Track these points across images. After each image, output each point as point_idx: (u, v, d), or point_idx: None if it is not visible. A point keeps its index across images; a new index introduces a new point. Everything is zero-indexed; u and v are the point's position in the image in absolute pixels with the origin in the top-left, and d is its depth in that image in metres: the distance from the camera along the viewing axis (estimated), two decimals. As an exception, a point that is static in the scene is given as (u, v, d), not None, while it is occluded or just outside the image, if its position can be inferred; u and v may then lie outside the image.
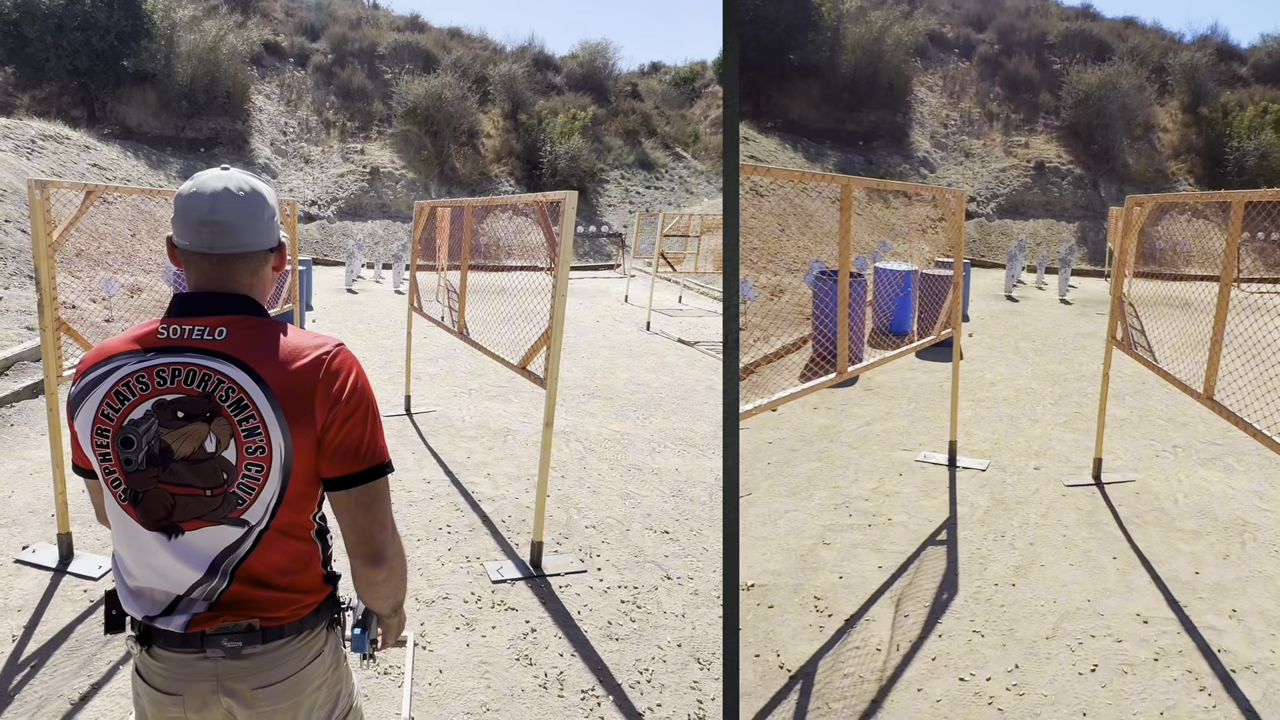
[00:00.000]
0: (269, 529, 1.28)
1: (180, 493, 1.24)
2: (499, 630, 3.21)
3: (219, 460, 1.23)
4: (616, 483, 5.09)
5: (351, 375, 1.29)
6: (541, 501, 3.72)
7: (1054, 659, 3.10)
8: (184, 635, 1.29)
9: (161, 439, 1.23)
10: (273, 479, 1.25)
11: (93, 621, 3.26)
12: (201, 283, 1.30)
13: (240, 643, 1.29)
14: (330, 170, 24.35)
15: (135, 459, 1.23)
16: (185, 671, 1.31)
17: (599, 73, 31.72)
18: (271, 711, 1.34)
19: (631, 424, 6.44)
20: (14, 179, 12.59)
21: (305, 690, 1.36)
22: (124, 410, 1.23)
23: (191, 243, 1.28)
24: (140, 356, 1.24)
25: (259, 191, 1.32)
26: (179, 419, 1.22)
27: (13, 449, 5.28)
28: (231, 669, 1.31)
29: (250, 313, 1.29)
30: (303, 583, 1.34)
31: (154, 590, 1.30)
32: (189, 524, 1.25)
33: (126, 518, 1.27)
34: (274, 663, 1.33)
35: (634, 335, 11.00)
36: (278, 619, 1.32)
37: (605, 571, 3.84)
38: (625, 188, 28.40)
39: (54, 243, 3.36)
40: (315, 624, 1.37)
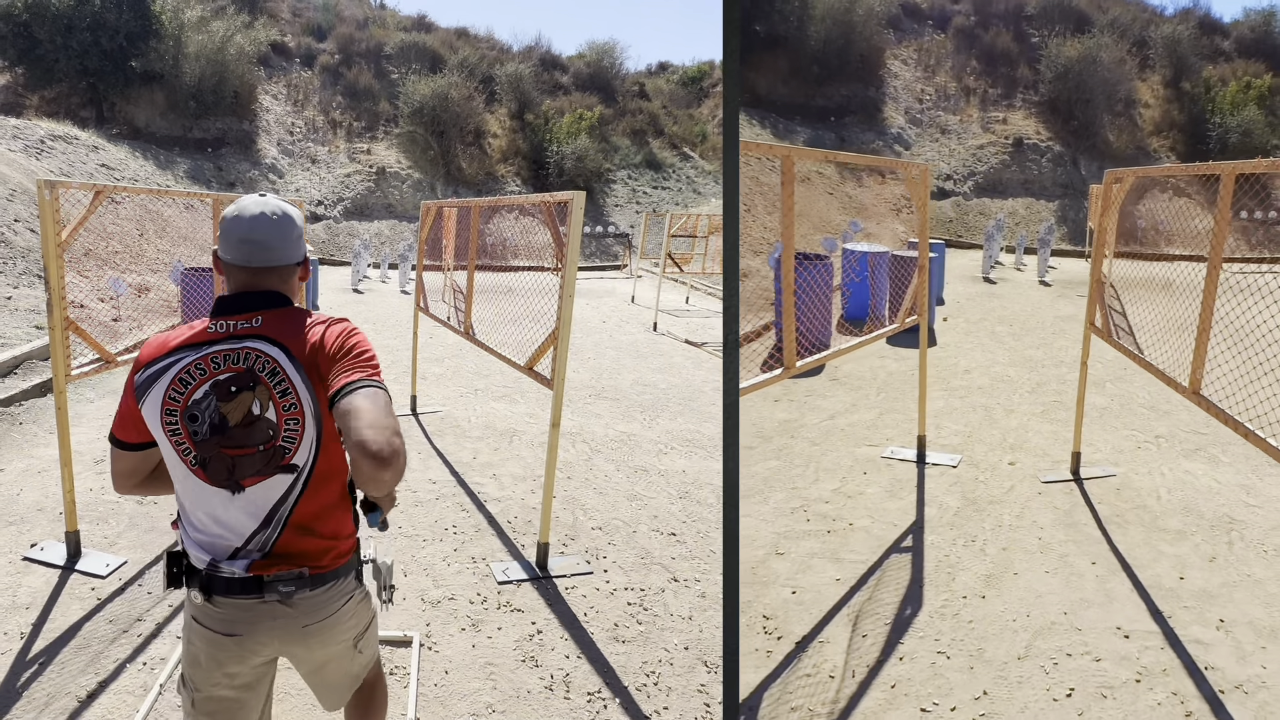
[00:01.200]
0: (313, 473, 1.58)
1: (238, 454, 1.53)
2: (505, 631, 3.21)
3: (264, 420, 1.53)
4: (623, 484, 5.09)
5: (345, 330, 1.58)
6: (548, 503, 3.72)
7: (1026, 683, 2.86)
8: (244, 580, 1.57)
9: (219, 411, 1.52)
10: (309, 427, 1.55)
11: (100, 619, 3.27)
12: (240, 288, 1.61)
13: (293, 588, 1.58)
14: (337, 170, 24.41)
15: (200, 430, 1.52)
16: (245, 615, 1.58)
17: (606, 72, 31.67)
18: (315, 644, 1.66)
19: (638, 425, 6.43)
20: (23, 179, 12.65)
21: (340, 625, 1.68)
22: (188, 393, 1.53)
23: (233, 257, 1.60)
24: (197, 349, 1.54)
25: (289, 215, 1.63)
26: (231, 392, 1.52)
27: (21, 447, 5.30)
28: (284, 611, 1.59)
29: (279, 305, 1.60)
30: (339, 531, 1.65)
31: (216, 541, 1.57)
32: (248, 480, 1.55)
33: (195, 480, 1.56)
34: (317, 605, 1.63)
35: (641, 336, 10.98)
36: (321, 567, 1.61)
37: (612, 573, 3.83)
38: (632, 188, 28.32)
39: (63, 242, 3.37)
40: (347, 573, 1.69)
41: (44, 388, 6.34)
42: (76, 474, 4.18)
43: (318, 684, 1.80)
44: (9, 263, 9.78)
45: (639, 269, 19.21)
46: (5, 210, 11.06)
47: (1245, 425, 3.04)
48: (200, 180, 20.83)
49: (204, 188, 20.44)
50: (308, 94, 25.96)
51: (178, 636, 3.15)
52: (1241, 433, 3.05)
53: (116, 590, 3.50)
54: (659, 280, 12.92)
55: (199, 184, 20.54)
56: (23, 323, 8.11)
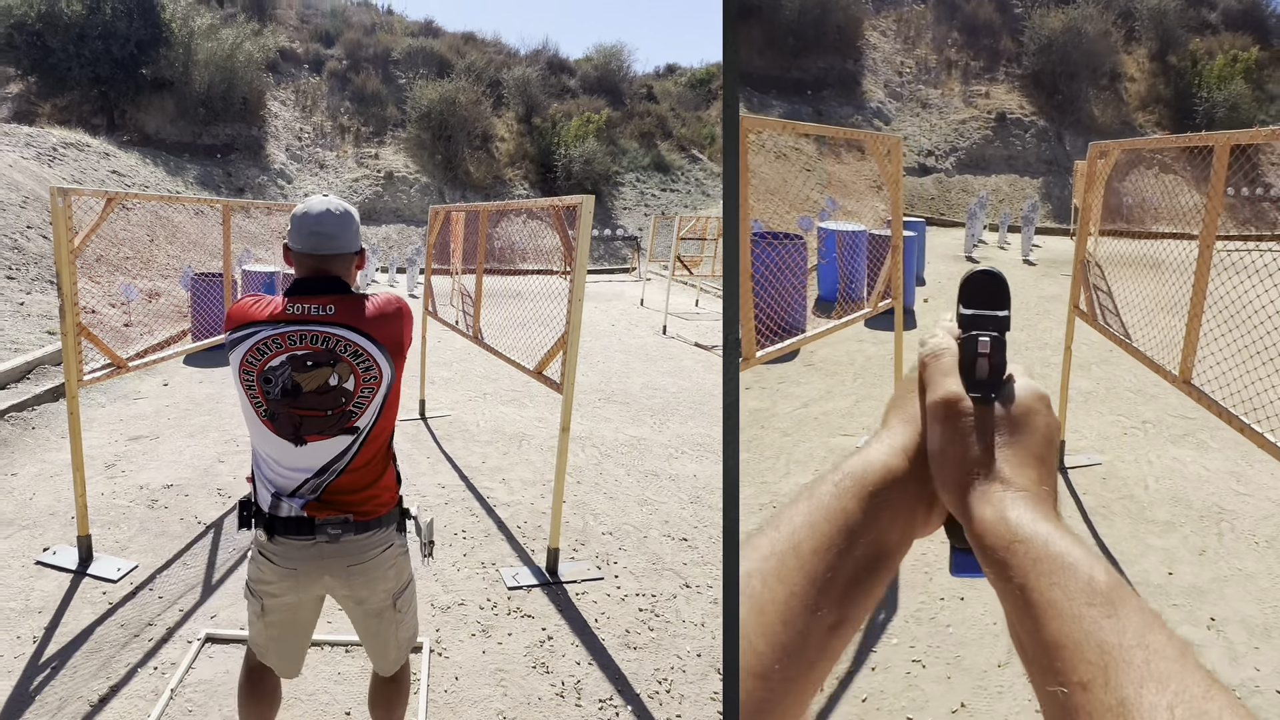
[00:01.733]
0: (369, 434, 1.87)
1: (305, 414, 1.81)
2: (515, 637, 3.19)
3: (340, 389, 1.82)
4: (633, 489, 5.07)
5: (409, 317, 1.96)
6: (558, 508, 3.71)
7: (1007, 693, 2.69)
8: (299, 521, 1.84)
9: (293, 379, 1.79)
10: (379, 395, 1.86)
11: (111, 624, 3.27)
12: (309, 274, 1.88)
13: (340, 530, 1.85)
14: (345, 175, 24.51)
15: (273, 392, 1.80)
16: (299, 553, 1.87)
17: (614, 75, 31.65)
18: (359, 583, 1.93)
19: (648, 429, 6.41)
20: (36, 186, 12.75)
21: (381, 569, 1.94)
22: (264, 360, 1.80)
23: (302, 246, 1.88)
24: (274, 325, 1.80)
25: (349, 211, 1.94)
26: (308, 366, 1.80)
27: (34, 452, 5.33)
28: (332, 551, 1.87)
29: (344, 292, 1.88)
30: (382, 486, 1.93)
31: (278, 479, 1.87)
32: (311, 437, 1.83)
33: (266, 429, 1.84)
34: (361, 548, 1.90)
35: (650, 339, 10.92)
36: (365, 514, 1.88)
37: (623, 579, 3.80)
38: (640, 190, 28.23)
39: (75, 249, 3.39)
40: (388, 524, 1.95)
41: (56, 392, 6.37)
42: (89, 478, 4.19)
43: (369, 636, 2.06)
44: (22, 269, 9.85)
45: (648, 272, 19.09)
46: (19, 217, 11.14)
47: (1240, 419, 2.93)
48: (210, 186, 20.95)
49: (213, 193, 20.56)
50: (316, 100, 26.10)
51: (188, 641, 3.15)
52: (1236, 426, 2.94)
53: (127, 594, 3.51)
54: (668, 283, 12.78)
55: (209, 189, 20.66)
56: (35, 328, 8.17)
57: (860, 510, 0.62)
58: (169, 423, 6.10)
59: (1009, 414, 0.64)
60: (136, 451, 5.41)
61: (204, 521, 4.30)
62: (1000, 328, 0.68)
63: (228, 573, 3.74)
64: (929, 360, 0.67)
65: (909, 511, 0.64)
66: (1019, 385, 0.65)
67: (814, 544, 0.61)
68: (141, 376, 7.19)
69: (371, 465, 1.90)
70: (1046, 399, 0.66)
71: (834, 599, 0.60)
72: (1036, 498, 0.59)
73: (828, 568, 0.60)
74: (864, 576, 0.62)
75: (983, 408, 0.64)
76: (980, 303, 0.68)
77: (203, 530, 4.20)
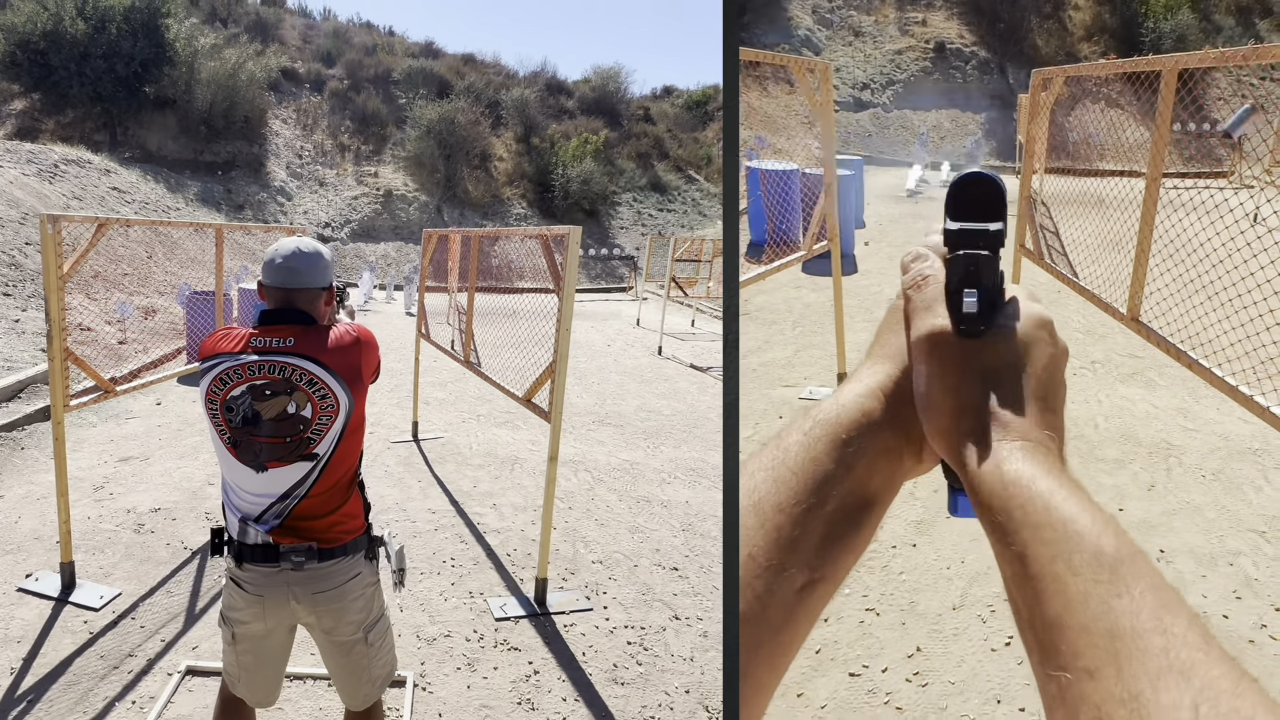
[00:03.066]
0: (330, 461, 1.90)
1: (265, 442, 1.87)
2: (501, 671, 3.14)
3: (298, 417, 1.87)
4: (625, 515, 5.02)
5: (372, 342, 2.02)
6: (546, 537, 3.67)
7: (962, 635, 2.69)
8: (265, 548, 1.89)
9: (253, 407, 1.86)
10: (338, 422, 1.90)
11: (91, 655, 3.22)
12: (275, 305, 1.96)
13: (303, 558, 1.89)
14: (344, 193, 24.62)
15: (235, 420, 1.87)
16: (266, 580, 1.92)
17: (611, 97, 31.95)
18: (324, 611, 1.95)
19: (641, 453, 6.37)
20: (36, 203, 12.78)
21: (348, 599, 1.96)
22: (226, 390, 1.87)
23: (270, 280, 1.97)
24: (235, 357, 1.88)
25: (319, 251, 2.01)
26: (266, 395, 1.86)
27: (21, 472, 5.29)
28: (297, 578, 1.90)
29: (306, 323, 1.95)
30: (346, 514, 1.96)
31: (244, 505, 1.93)
32: (271, 464, 1.87)
33: (230, 456, 1.90)
34: (326, 576, 1.92)
35: (645, 360, 10.87)
36: (328, 540, 1.92)
37: (612, 610, 3.75)
38: (638, 210, 28.40)
39: (64, 276, 3.37)
40: (354, 551, 1.97)
41: (47, 412, 6.33)
42: (75, 501, 4.16)
43: (338, 669, 2.06)
44: (18, 285, 9.84)
45: (644, 291, 19.12)
46: (17, 234, 11.15)
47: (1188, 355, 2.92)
48: (210, 203, 21.02)
49: (214, 210, 20.62)
50: (316, 118, 26.27)
51: (168, 673, 3.10)
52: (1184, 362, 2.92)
53: (109, 624, 3.46)
54: (664, 303, 12.73)
55: (209, 206, 20.72)
56: (29, 345, 8.14)
57: (832, 460, 0.56)
58: (160, 443, 6.06)
59: (1004, 347, 0.55)
60: (126, 473, 5.37)
61: (190, 547, 4.25)
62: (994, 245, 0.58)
63: (211, 601, 3.69)
64: (911, 290, 0.59)
65: (891, 457, 0.58)
66: (1016, 311, 0.57)
67: (778, 500, 0.56)
68: (134, 395, 7.16)
69: (333, 492, 1.94)
70: (1050, 325, 0.58)
71: (805, 558, 0.55)
72: (1038, 446, 0.52)
73: (794, 525, 0.55)
74: (842, 531, 0.56)
75: (974, 342, 0.55)
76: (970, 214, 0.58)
77: (188, 556, 4.15)
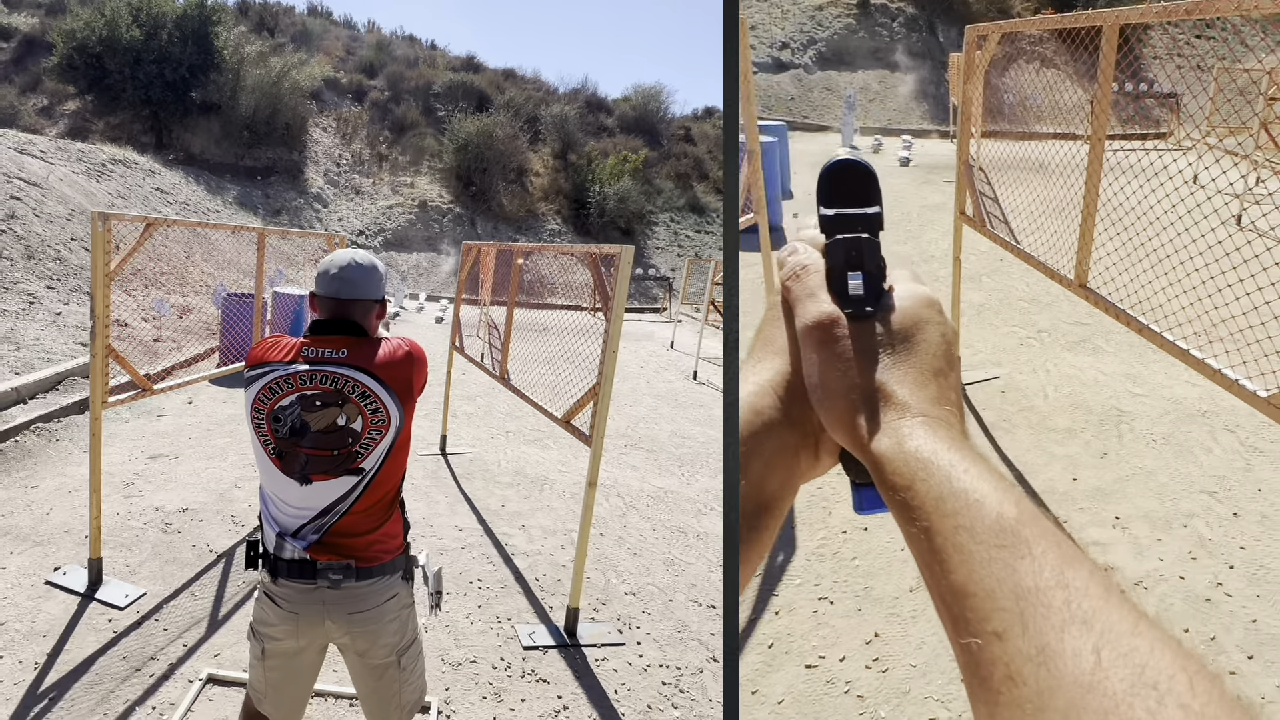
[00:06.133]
0: (376, 477, 1.85)
1: (312, 454, 1.82)
2: (528, 704, 3.03)
3: (348, 430, 1.83)
4: (659, 546, 4.88)
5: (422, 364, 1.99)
6: (580, 564, 3.57)
7: (920, 617, 2.61)
8: (301, 564, 1.84)
9: (302, 418, 1.82)
10: (387, 437, 1.86)
11: (113, 655, 3.18)
12: (328, 317, 1.94)
13: (340, 576, 1.83)
14: (380, 202, 24.91)
15: (281, 430, 1.83)
16: (301, 597, 1.86)
17: (651, 116, 32.01)
18: (359, 633, 1.90)
19: (676, 481, 6.24)
20: (83, 200, 13.04)
21: (384, 620, 1.91)
22: (275, 399, 1.83)
23: (324, 290, 1.94)
24: (287, 366, 1.85)
25: (374, 264, 1.99)
26: (317, 406, 1.82)
27: (55, 464, 5.31)
28: (333, 597, 1.85)
29: (358, 335, 1.93)
30: (386, 532, 1.91)
31: (283, 518, 1.87)
32: (316, 477, 1.83)
33: (274, 468, 1.85)
34: (363, 596, 1.87)
35: (680, 384, 10.56)
36: (367, 559, 1.86)
37: (645, 646, 3.60)
38: (675, 230, 28.23)
39: (111, 272, 3.38)
40: (392, 571, 1.92)
41: (83, 405, 6.38)
42: (106, 496, 4.15)
43: (369, 694, 2.00)
44: (62, 279, 10.01)
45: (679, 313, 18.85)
46: (64, 229, 11.37)
47: (1137, 320, 2.88)
48: (248, 206, 21.36)
49: (251, 213, 20.95)
50: (356, 128, 26.67)
51: (189, 680, 3.04)
52: (1134, 327, 2.88)
53: (133, 624, 3.42)
54: (701, 327, 12.28)
55: (247, 210, 21.07)
56: (69, 339, 8.24)
57: None
58: (189, 442, 6.07)
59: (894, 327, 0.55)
60: (155, 471, 5.37)
61: (216, 550, 4.22)
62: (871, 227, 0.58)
63: (235, 608, 3.64)
64: (790, 281, 0.59)
65: (788, 455, 0.58)
66: (902, 292, 0.57)
67: None
68: (166, 393, 7.20)
69: (376, 509, 1.89)
70: (937, 304, 0.58)
71: None
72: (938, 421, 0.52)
73: None
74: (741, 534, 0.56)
75: (863, 324, 0.55)
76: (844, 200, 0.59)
77: (214, 559, 4.12)
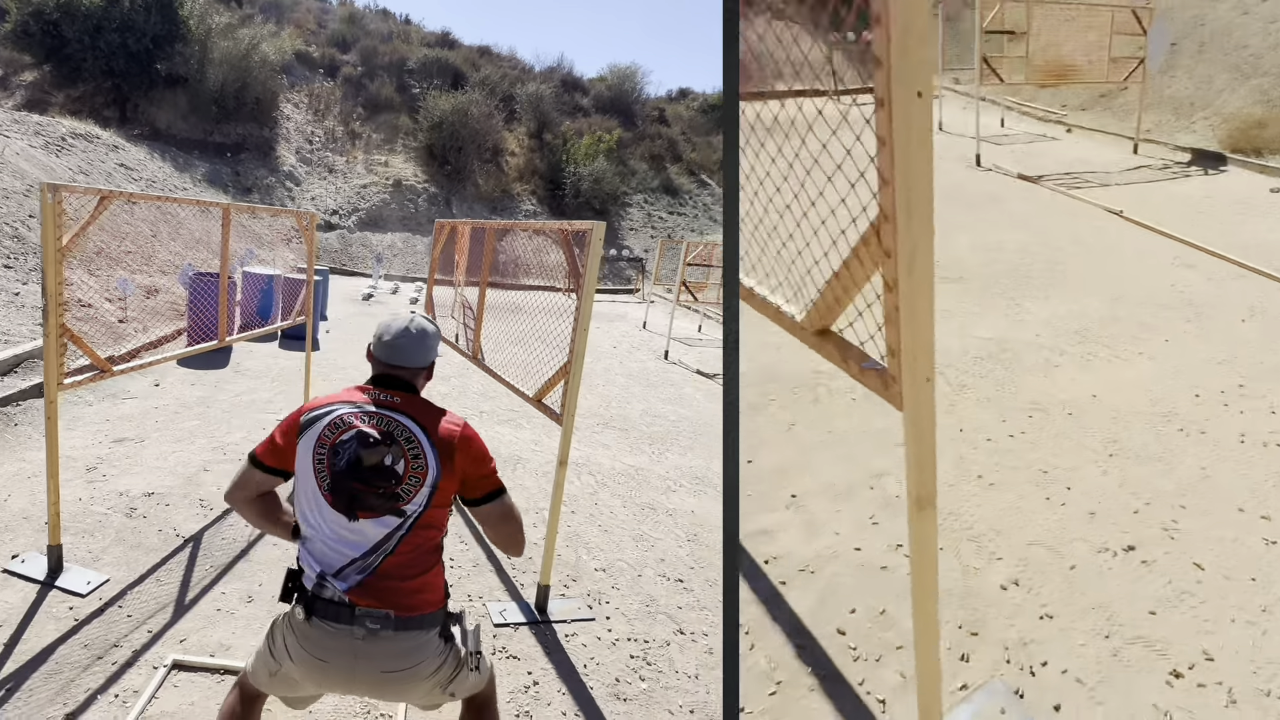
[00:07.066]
0: (417, 522, 1.93)
1: (360, 489, 1.91)
2: (500, 682, 3.01)
3: (392, 470, 1.92)
4: (629, 522, 4.90)
5: (477, 442, 2.06)
6: (551, 542, 3.55)
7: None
8: (339, 606, 1.86)
9: (358, 453, 1.92)
10: (425, 488, 1.94)
11: (75, 644, 3.10)
12: (383, 373, 2.11)
13: (378, 625, 1.85)
14: (353, 180, 24.50)
15: (339, 464, 1.93)
16: (334, 643, 1.87)
17: (626, 96, 31.78)
18: (390, 692, 1.94)
19: (646, 459, 6.24)
20: (42, 175, 12.65)
21: (418, 679, 1.93)
22: (338, 434, 1.96)
23: (378, 353, 2.12)
24: (354, 405, 2.00)
25: (426, 331, 2.15)
26: (370, 443, 1.93)
27: (14, 449, 5.16)
28: (367, 649, 1.86)
29: (412, 391, 2.10)
30: (428, 582, 1.96)
31: (328, 556, 1.92)
32: (363, 514, 1.91)
33: (324, 502, 1.93)
34: (399, 653, 1.88)
35: (652, 364, 10.78)
36: (408, 608, 1.89)
37: (615, 621, 3.64)
38: (648, 212, 28.36)
39: (63, 248, 3.25)
40: (431, 625, 1.94)
41: (42, 388, 6.21)
42: (67, 481, 4.04)
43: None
44: (20, 258, 9.72)
45: (652, 294, 19.00)
46: (21, 206, 11.02)
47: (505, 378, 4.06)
48: (218, 184, 20.88)
49: (221, 191, 20.49)
50: (329, 104, 26.13)
51: (154, 666, 2.98)
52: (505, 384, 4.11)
53: (95, 611, 3.34)
54: (673, 307, 12.58)
55: (216, 187, 20.60)
56: (28, 319, 8.01)
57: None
58: (156, 425, 5.94)
59: None
60: (120, 455, 5.25)
61: (183, 535, 4.13)
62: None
63: (202, 592, 3.57)
64: None
65: None
66: None
67: None
68: (132, 375, 7.04)
69: (418, 555, 1.95)
70: None
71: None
72: None
73: None
74: None
75: None
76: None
77: (180, 544, 4.03)
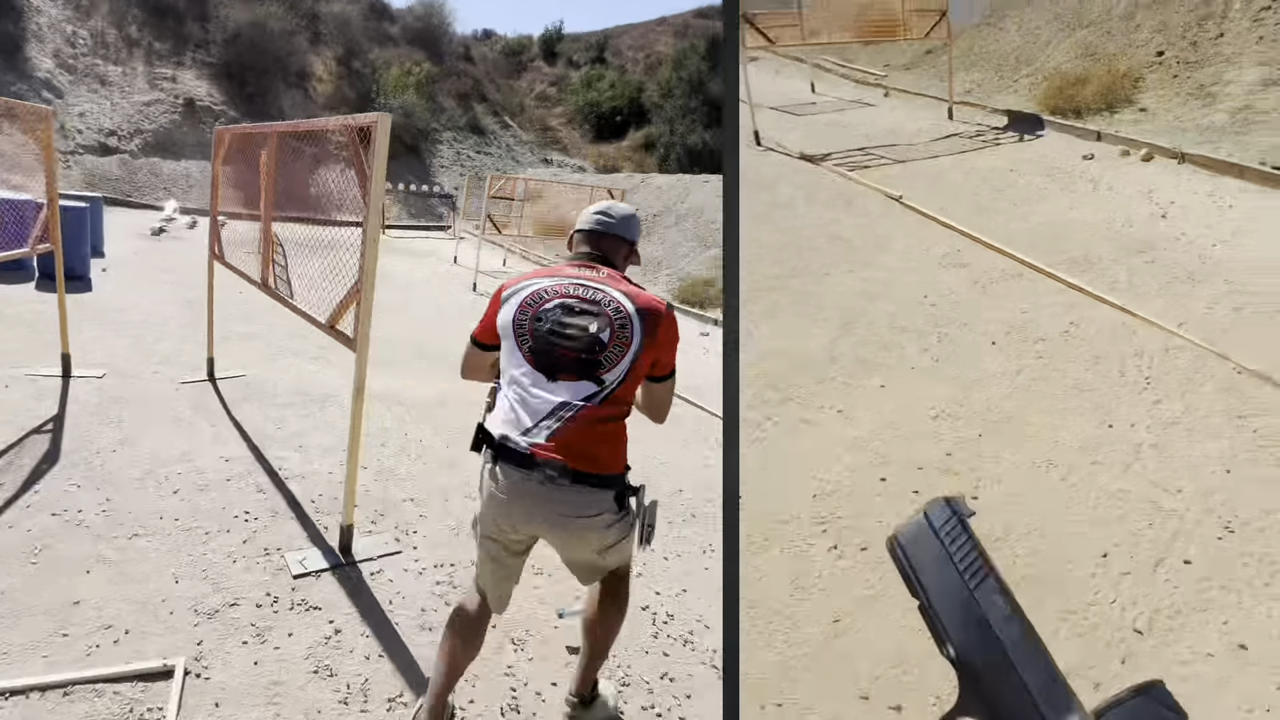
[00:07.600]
0: (613, 392, 2.01)
1: (562, 354, 2.01)
2: (296, 638, 2.72)
3: (596, 337, 2.02)
4: (440, 450, 4.70)
5: (676, 323, 2.14)
6: (352, 478, 3.25)
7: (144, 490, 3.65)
8: (522, 455, 1.97)
9: (561, 320, 2.04)
10: (627, 357, 2.02)
11: None
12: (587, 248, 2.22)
13: (555, 474, 1.95)
14: (134, 97, 21.43)
15: (541, 329, 2.04)
16: (517, 487, 1.99)
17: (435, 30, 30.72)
18: (560, 535, 2.07)
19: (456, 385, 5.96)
20: None
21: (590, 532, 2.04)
22: (541, 303, 2.07)
23: (584, 224, 2.24)
24: (554, 278, 2.11)
25: (632, 214, 2.28)
26: (574, 312, 2.05)
27: None
28: (545, 494, 1.97)
29: (613, 267, 2.20)
30: (610, 452, 2.03)
31: (524, 412, 2.01)
32: (562, 375, 2.01)
33: (526, 364, 2.04)
34: (573, 504, 1.99)
35: (462, 296, 11.14)
36: (582, 467, 1.96)
37: (422, 550, 3.45)
38: (457, 150, 27.74)
39: None
40: (605, 487, 2.01)
41: None
42: None
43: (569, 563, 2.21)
44: None
45: (461, 230, 19.01)
46: None
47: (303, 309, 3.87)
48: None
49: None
50: (95, 1, 22.44)
51: None
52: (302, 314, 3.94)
53: None
54: (479, 242, 13.07)
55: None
56: None
57: None
58: None
59: None
60: None
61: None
62: None
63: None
64: None
65: None
66: None
67: None
68: None
69: (606, 426, 2.01)
70: None
71: None
72: None
73: None
74: None
75: None
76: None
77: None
